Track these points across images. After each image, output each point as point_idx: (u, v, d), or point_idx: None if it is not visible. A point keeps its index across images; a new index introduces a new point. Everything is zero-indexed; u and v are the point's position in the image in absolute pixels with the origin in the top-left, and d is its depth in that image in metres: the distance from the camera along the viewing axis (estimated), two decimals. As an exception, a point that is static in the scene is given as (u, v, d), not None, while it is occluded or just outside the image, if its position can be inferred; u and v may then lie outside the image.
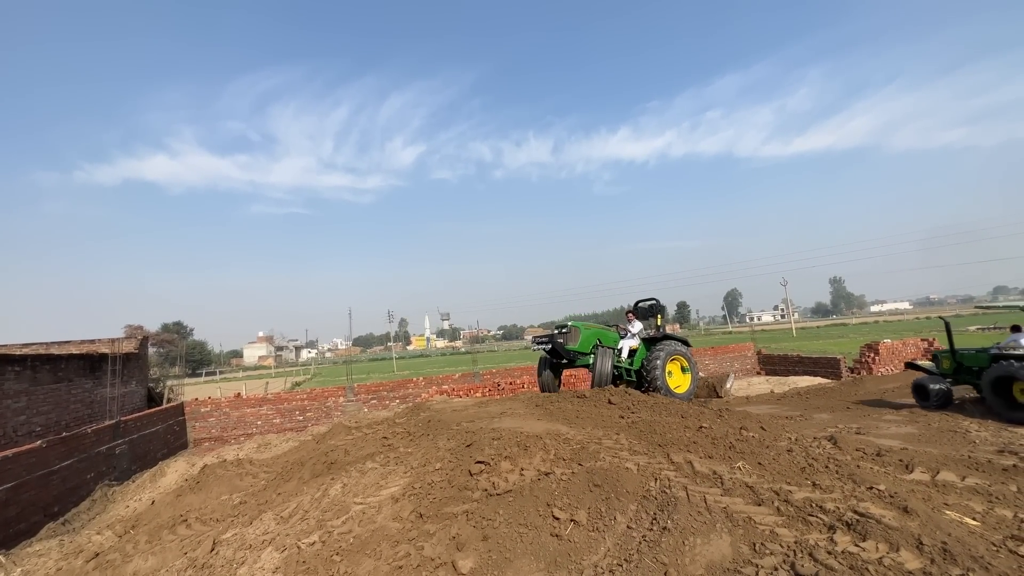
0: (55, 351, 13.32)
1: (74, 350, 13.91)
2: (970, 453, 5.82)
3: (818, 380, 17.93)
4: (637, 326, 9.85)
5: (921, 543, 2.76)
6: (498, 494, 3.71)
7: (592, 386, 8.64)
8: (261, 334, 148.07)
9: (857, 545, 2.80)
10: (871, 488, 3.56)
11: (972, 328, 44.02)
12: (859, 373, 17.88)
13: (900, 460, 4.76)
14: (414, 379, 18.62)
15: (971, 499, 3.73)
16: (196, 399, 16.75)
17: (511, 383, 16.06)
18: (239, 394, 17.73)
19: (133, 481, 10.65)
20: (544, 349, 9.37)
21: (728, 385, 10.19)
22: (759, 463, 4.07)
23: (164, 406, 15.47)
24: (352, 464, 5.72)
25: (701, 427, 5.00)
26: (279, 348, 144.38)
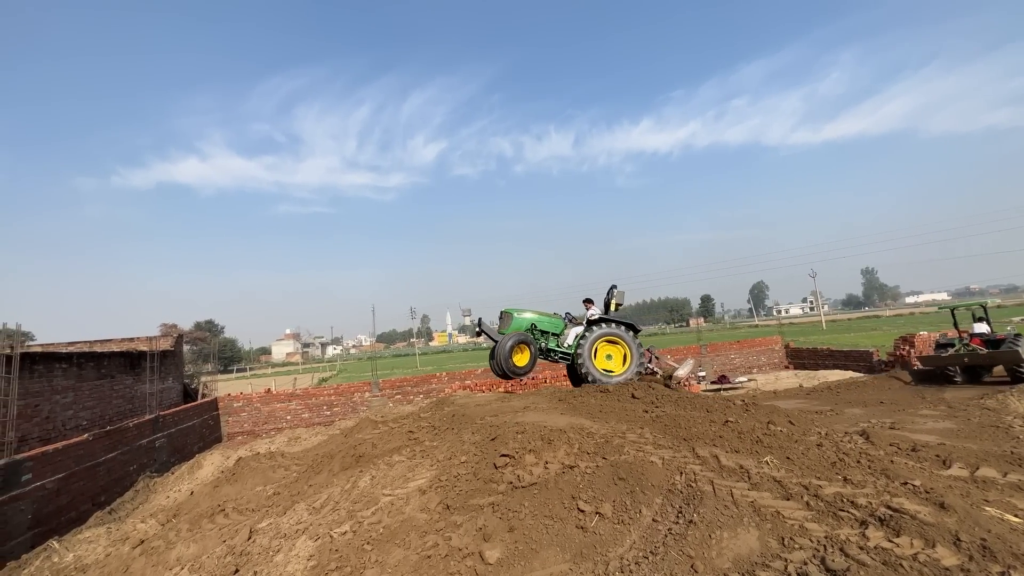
0: (98, 349, 13.99)
1: (115, 348, 14.58)
2: (1013, 449, 5.60)
3: (849, 374, 17.42)
4: (595, 313, 9.52)
5: (959, 539, 2.68)
6: (523, 487, 3.76)
7: (492, 368, 9.18)
8: (288, 331, 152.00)
9: (890, 540, 2.75)
10: (905, 484, 3.47)
11: (1017, 319, 41.98)
12: (893, 367, 17.28)
13: (937, 455, 4.61)
14: (437, 374, 18.87)
15: (1013, 496, 3.59)
16: (228, 394, 17.36)
17: (533, 378, 16.12)
18: (269, 390, 18.30)
19: (172, 473, 11.14)
20: (476, 333, 10.08)
21: (682, 372, 9.43)
22: (787, 457, 4.01)
23: (199, 401, 16.10)
24: (379, 457, 5.86)
25: (727, 421, 4.95)
26: (305, 345, 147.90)
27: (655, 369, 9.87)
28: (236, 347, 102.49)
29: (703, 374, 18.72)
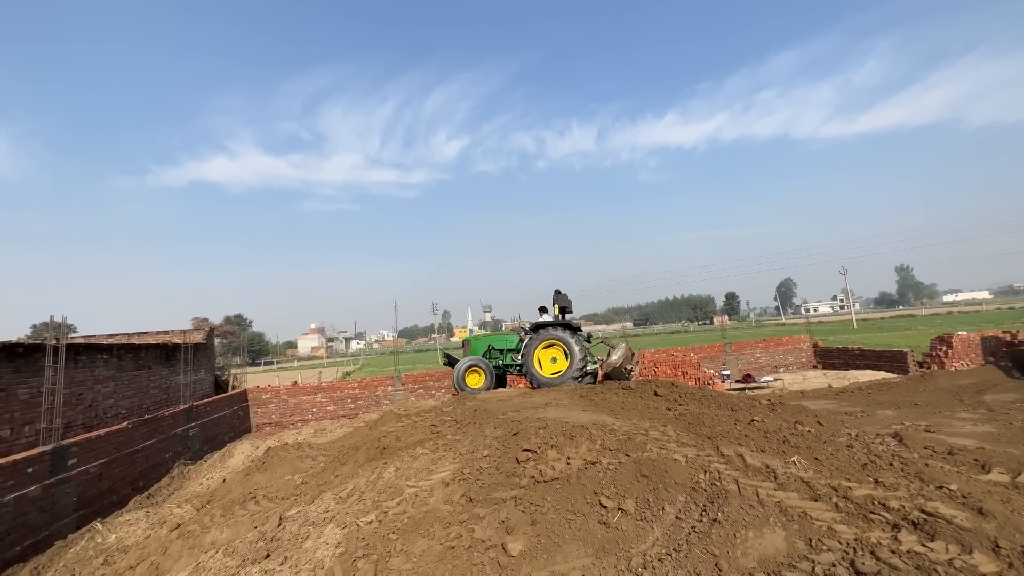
0: (136, 341, 14.61)
1: (151, 340, 15.20)
2: (1058, 455, 5.35)
3: (881, 375, 16.84)
4: (547, 319, 10.13)
5: (998, 546, 2.60)
6: (545, 481, 3.79)
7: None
8: (313, 326, 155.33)
9: (924, 545, 2.68)
10: (941, 488, 3.37)
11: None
12: (929, 368, 16.65)
13: (975, 459, 4.45)
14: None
15: (1058, 503, 3.44)
16: (257, 387, 17.89)
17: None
18: (296, 382, 18.78)
19: (205, 461, 11.57)
20: (444, 363, 11.73)
21: (614, 358, 9.42)
22: (815, 458, 3.93)
23: (229, 393, 16.64)
24: (403, 450, 5.97)
25: (753, 420, 4.87)
26: (330, 339, 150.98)
27: (602, 360, 10.04)
28: (263, 341, 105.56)
29: (727, 372, 18.38)
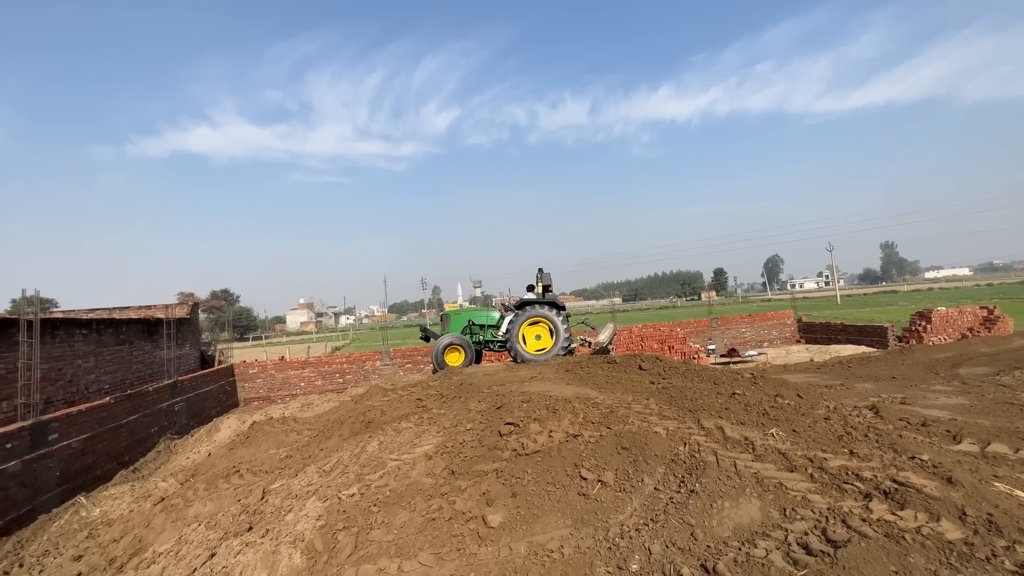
0: (116, 316, 14.34)
1: (133, 315, 14.93)
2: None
3: (862, 349, 17.22)
4: (530, 297, 10.24)
5: (964, 514, 2.66)
6: (527, 454, 3.80)
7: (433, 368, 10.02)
8: (302, 301, 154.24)
9: (894, 513, 2.73)
10: (913, 458, 3.44)
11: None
12: (908, 342, 17.05)
13: (947, 431, 4.57)
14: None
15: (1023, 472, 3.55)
16: (244, 361, 17.78)
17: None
18: (283, 357, 18.70)
19: (191, 435, 11.55)
20: (420, 338, 11.32)
21: (602, 337, 9.86)
22: (794, 430, 3.98)
23: (216, 368, 16.52)
24: (388, 424, 5.97)
25: (734, 394, 4.92)
26: (319, 314, 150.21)
27: (589, 340, 10.24)
28: (251, 316, 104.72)
29: (713, 347, 18.66)
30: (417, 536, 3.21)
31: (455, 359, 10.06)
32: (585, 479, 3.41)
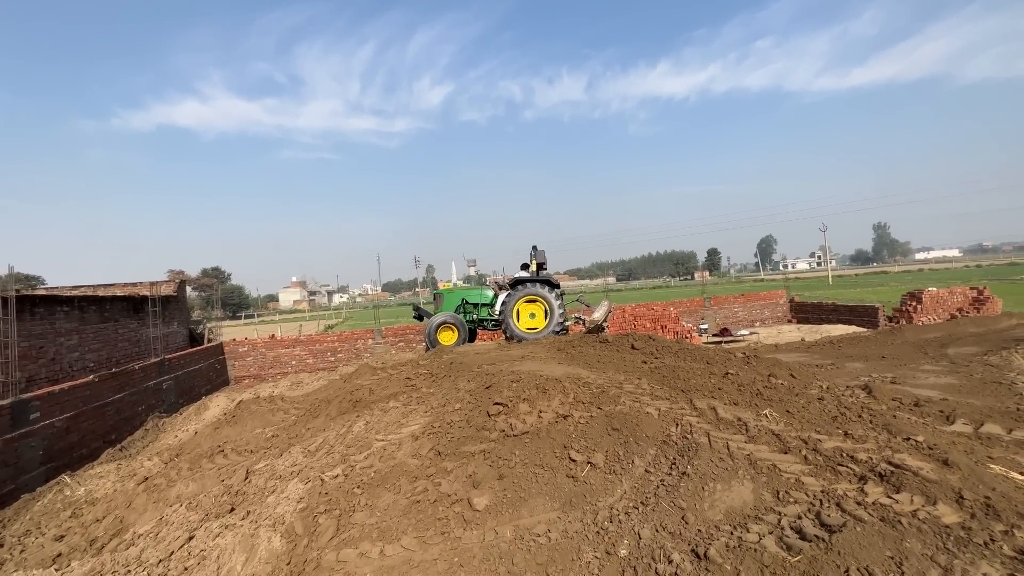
0: (101, 293, 14.03)
1: (119, 292, 14.63)
2: (1017, 405, 5.50)
3: (853, 329, 17.31)
4: (524, 275, 10.10)
5: (962, 497, 2.59)
6: (515, 435, 3.70)
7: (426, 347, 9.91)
8: (295, 279, 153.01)
9: (890, 496, 2.66)
10: (908, 439, 3.37)
11: (1028, 277, 41.30)
12: (899, 322, 17.15)
13: (940, 411, 4.52)
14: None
15: (1018, 453, 3.50)
16: (234, 340, 17.59)
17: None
18: (273, 336, 18.53)
19: (180, 413, 11.43)
20: (414, 317, 11.23)
21: (597, 315, 9.83)
22: (787, 411, 3.91)
23: (205, 346, 16.34)
24: (376, 403, 5.87)
25: (727, 374, 4.84)
26: (312, 293, 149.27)
27: (584, 318, 10.19)
28: (244, 294, 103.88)
29: (705, 327, 18.70)
30: (401, 519, 3.12)
31: (448, 338, 9.97)
32: (574, 461, 3.32)
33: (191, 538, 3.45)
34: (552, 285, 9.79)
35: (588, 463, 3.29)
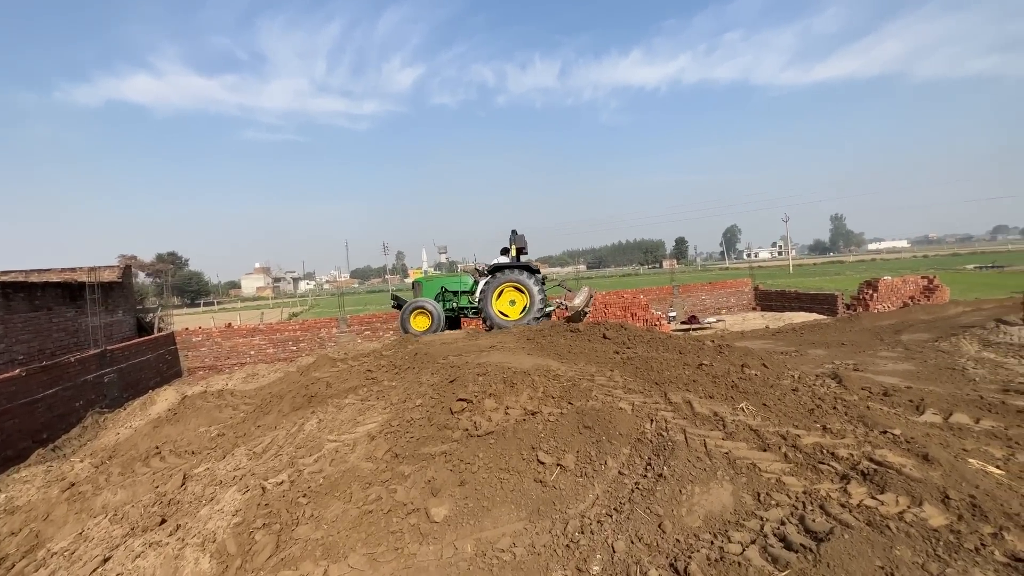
0: (34, 279, 12.86)
1: (53, 278, 13.45)
2: (976, 392, 5.60)
3: (814, 316, 17.82)
4: (504, 261, 9.87)
5: (947, 496, 2.46)
6: (479, 435, 3.41)
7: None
8: (258, 265, 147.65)
9: (874, 498, 2.51)
10: (885, 432, 3.27)
11: (970, 267, 43.95)
12: (856, 310, 17.75)
13: (910, 400, 4.50)
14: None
15: (990, 444, 3.46)
16: (187, 329, 16.59)
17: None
18: (230, 324, 17.58)
19: (124, 409, 10.63)
20: (392, 306, 10.69)
21: (577, 301, 9.90)
22: (764, 404, 3.76)
23: (154, 335, 15.32)
24: (333, 397, 5.47)
25: (701, 364, 4.68)
26: (276, 279, 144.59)
27: (565, 303, 10.10)
28: (203, 280, 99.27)
29: (674, 314, 18.89)
30: (350, 533, 2.78)
31: (421, 323, 9.63)
32: (543, 463, 3.05)
33: (106, 560, 3.02)
34: (532, 271, 9.52)
35: (558, 465, 3.03)
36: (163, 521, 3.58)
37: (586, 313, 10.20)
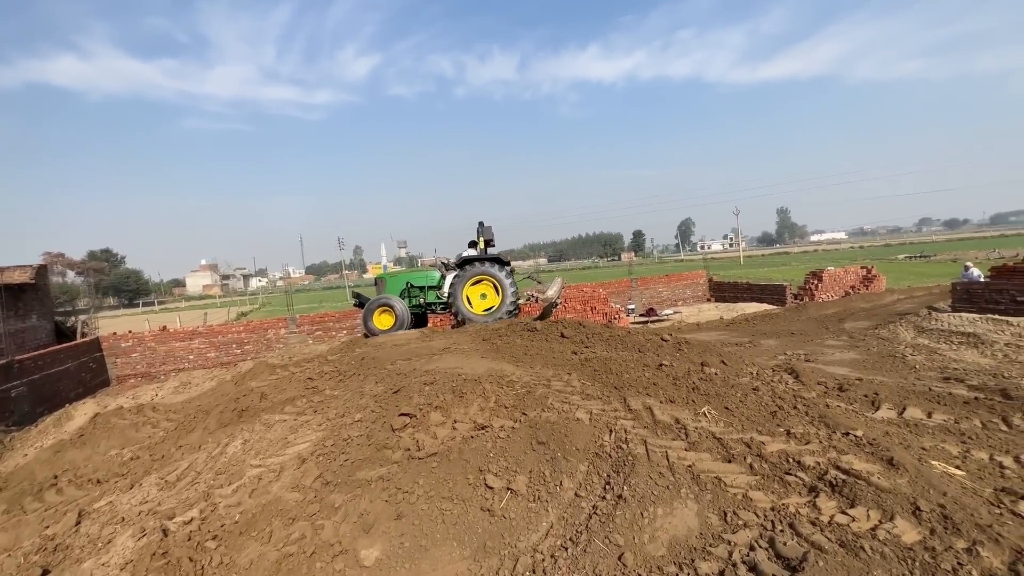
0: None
1: (-51, 281, 11.91)
2: (921, 383, 5.74)
3: (764, 307, 18.43)
4: (472, 254, 9.56)
5: (918, 508, 2.32)
6: (422, 457, 3.04)
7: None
8: (204, 262, 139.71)
9: (845, 512, 2.34)
10: (848, 434, 3.14)
11: (901, 257, 47.20)
12: (803, 300, 18.48)
13: (864, 395, 4.47)
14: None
15: (945, 441, 3.42)
16: (115, 333, 15.17)
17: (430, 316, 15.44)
18: (165, 327, 16.24)
19: (36, 426, 9.51)
20: (354, 304, 10.22)
21: (550, 292, 9.85)
22: (726, 407, 3.58)
23: (76, 342, 13.90)
24: (268, 411, 4.94)
25: (661, 365, 4.48)
26: (225, 277, 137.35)
27: (536, 295, 9.95)
28: (141, 279, 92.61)
29: (632, 307, 19.05)
30: (264, 584, 2.36)
31: (385, 321, 9.11)
32: (491, 488, 2.72)
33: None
34: (501, 263, 9.17)
35: (508, 489, 2.71)
36: (45, 574, 3.01)
37: (557, 304, 9.95)
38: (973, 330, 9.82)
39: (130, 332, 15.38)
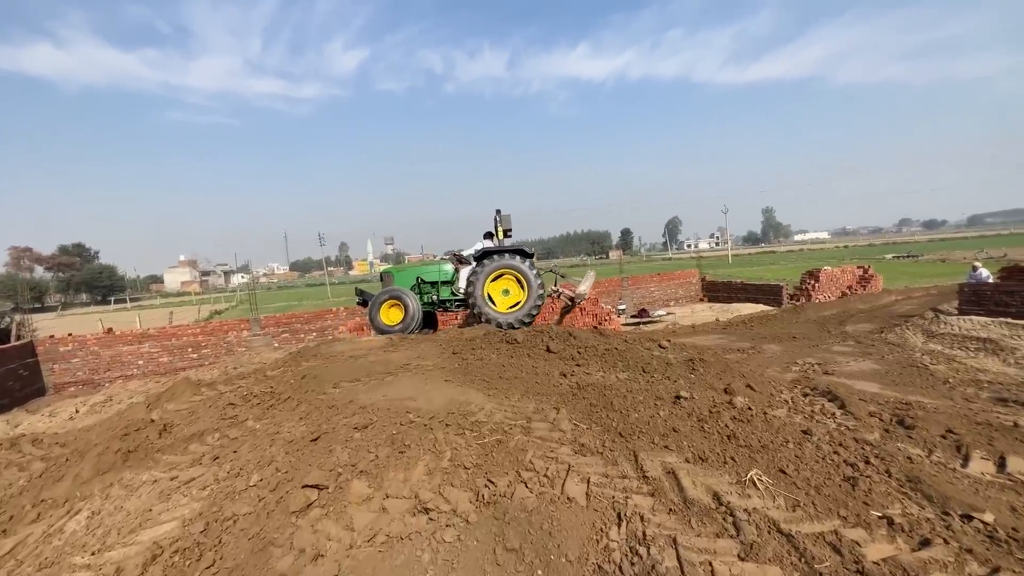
0: None
1: None
2: (981, 409, 4.76)
3: (760, 307, 17.58)
4: (480, 247, 8.67)
5: None
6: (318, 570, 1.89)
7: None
8: (183, 258, 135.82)
9: None
10: (971, 519, 2.09)
11: (888, 256, 47.16)
12: (799, 300, 17.68)
13: (940, 436, 3.44)
14: (333, 309, 16.26)
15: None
16: (52, 336, 13.64)
17: (440, 313, 14.27)
18: (111, 329, 14.72)
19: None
20: (358, 303, 9.47)
21: (583, 288, 9.16)
22: (781, 470, 2.49)
23: (3, 346, 12.38)
24: (165, 451, 3.75)
25: (678, 397, 3.38)
26: (205, 273, 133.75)
27: (561, 290, 8.97)
28: (116, 275, 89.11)
29: (624, 307, 18.07)
30: None
31: (394, 316, 8.20)
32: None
33: None
34: (524, 254, 8.15)
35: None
36: None
37: (584, 297, 9.39)
38: (988, 335, 9.01)
39: (70, 335, 13.87)
